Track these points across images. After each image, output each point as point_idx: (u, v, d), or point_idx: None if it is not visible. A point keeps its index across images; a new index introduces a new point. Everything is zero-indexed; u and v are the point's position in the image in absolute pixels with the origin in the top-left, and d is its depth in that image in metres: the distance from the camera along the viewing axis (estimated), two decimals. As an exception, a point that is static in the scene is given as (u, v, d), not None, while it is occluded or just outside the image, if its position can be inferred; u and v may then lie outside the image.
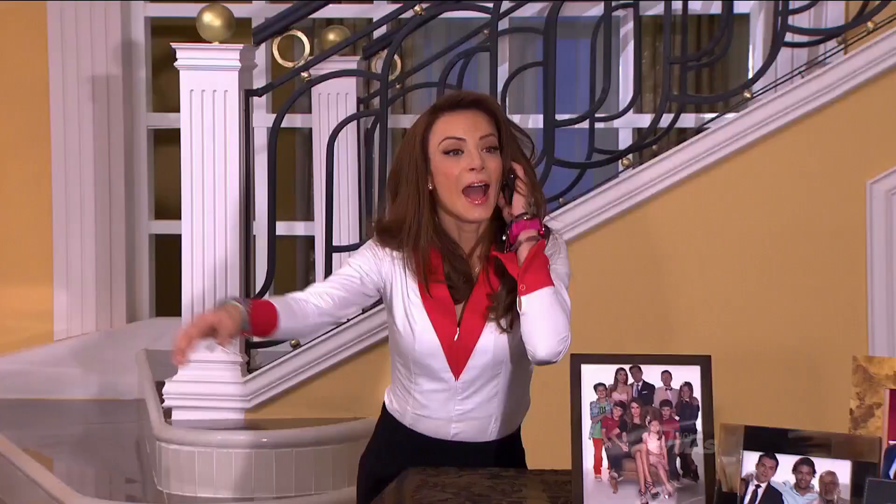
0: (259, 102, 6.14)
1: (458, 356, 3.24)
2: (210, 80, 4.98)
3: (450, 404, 3.26)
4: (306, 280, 7.62)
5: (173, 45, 5.01)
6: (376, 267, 3.26)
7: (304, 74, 5.25)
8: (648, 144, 5.28)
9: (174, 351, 3.03)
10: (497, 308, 3.22)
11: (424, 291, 3.23)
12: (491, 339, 3.22)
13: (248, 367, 5.10)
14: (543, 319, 3.13)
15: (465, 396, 3.27)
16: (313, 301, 3.24)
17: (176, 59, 5.01)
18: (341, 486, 4.90)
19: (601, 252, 5.03)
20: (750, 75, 5.38)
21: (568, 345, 3.15)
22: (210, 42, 4.98)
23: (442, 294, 3.23)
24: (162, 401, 5.12)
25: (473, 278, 3.25)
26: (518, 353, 3.21)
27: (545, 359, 3.15)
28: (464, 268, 3.23)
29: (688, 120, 5.81)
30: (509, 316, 3.20)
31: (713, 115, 5.42)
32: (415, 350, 3.22)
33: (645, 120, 6.17)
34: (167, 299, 6.65)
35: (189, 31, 5.12)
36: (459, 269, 3.23)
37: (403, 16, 5.54)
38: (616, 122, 5.99)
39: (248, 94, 5.06)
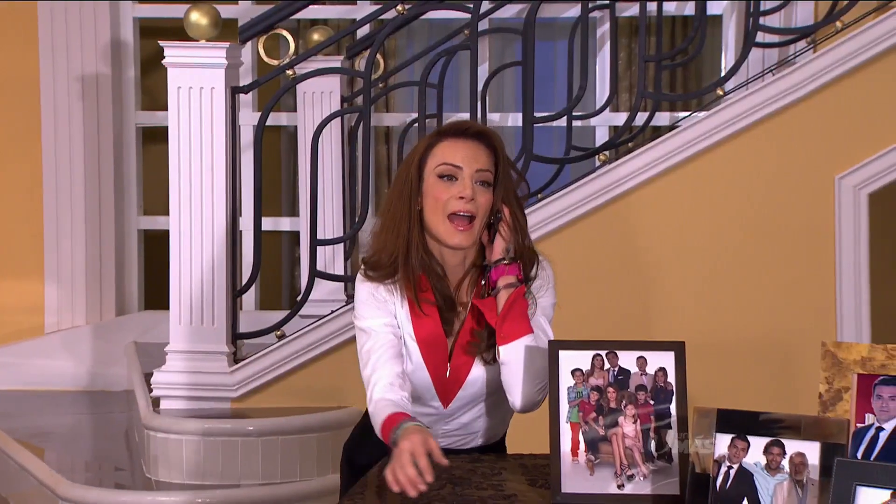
0: (245, 101, 6.20)
1: (447, 390, 3.28)
2: (197, 78, 5.01)
3: (436, 425, 3.30)
4: (291, 274, 7.68)
5: (161, 42, 5.04)
6: (388, 311, 3.23)
7: (289, 72, 5.30)
8: (624, 142, 5.32)
9: (406, 483, 2.80)
10: (480, 346, 3.23)
11: (417, 325, 3.23)
12: (480, 373, 3.25)
13: (235, 358, 5.14)
14: (522, 370, 3.14)
15: (452, 419, 3.33)
16: (403, 392, 3.15)
17: (164, 58, 5.03)
18: (325, 472, 4.94)
19: (579, 245, 5.08)
20: (723, 75, 5.45)
21: (546, 393, 3.11)
22: (197, 40, 5.02)
23: (434, 329, 3.23)
24: (150, 391, 5.16)
25: (460, 309, 3.25)
26: None
27: (524, 409, 3.18)
28: (447, 292, 3.23)
29: (662, 118, 5.88)
30: (493, 350, 3.21)
31: (687, 113, 5.48)
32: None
33: (621, 118, 6.21)
34: (155, 293, 6.69)
35: (177, 32, 5.16)
36: (444, 293, 3.23)
37: (386, 17, 5.62)
38: (593, 121, 6.05)
39: (234, 92, 5.10)
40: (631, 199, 5.09)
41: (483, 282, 3.22)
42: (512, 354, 3.15)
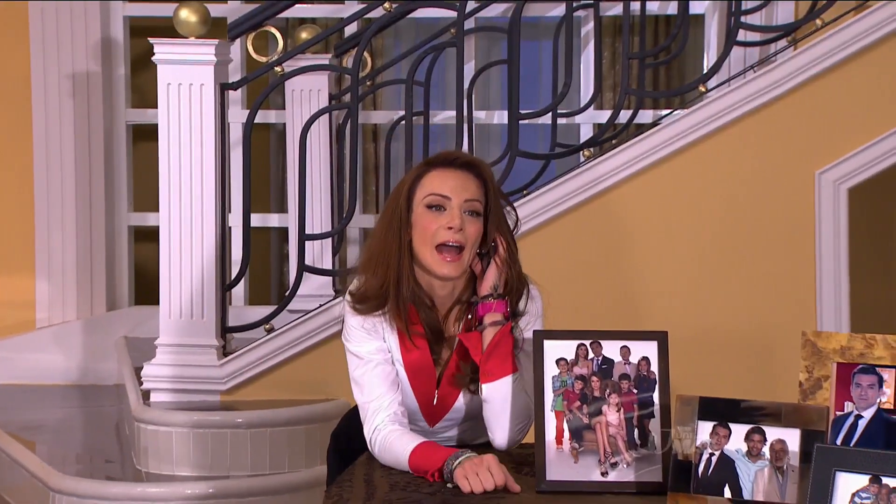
0: (235, 99, 6.24)
1: (434, 413, 3.33)
2: (186, 74, 5.03)
3: (424, 435, 3.27)
4: (280, 271, 7.71)
5: (151, 39, 5.06)
6: (378, 337, 3.25)
7: (278, 69, 5.33)
8: (609, 139, 5.34)
9: (485, 482, 2.92)
10: (465, 378, 3.26)
11: (406, 354, 3.25)
12: (466, 400, 3.30)
13: (224, 351, 5.16)
14: (503, 410, 3.17)
15: (439, 433, 3.37)
16: (405, 420, 3.22)
17: (154, 55, 5.05)
18: (314, 464, 4.96)
19: (564, 239, 5.12)
20: (705, 72, 5.48)
21: (528, 430, 3.17)
22: (186, 37, 5.04)
23: (423, 359, 3.26)
24: (140, 384, 5.18)
25: (447, 338, 3.26)
26: None
27: (503, 447, 3.21)
28: (436, 324, 3.25)
29: (646, 116, 5.91)
30: (478, 383, 3.23)
31: (670, 111, 5.51)
32: None
33: (605, 116, 6.22)
34: (145, 289, 6.71)
35: (167, 31, 5.16)
36: (433, 325, 3.25)
37: (374, 15, 5.65)
38: (578, 118, 6.07)
39: (223, 88, 5.12)
40: (615, 194, 5.11)
41: (470, 315, 3.23)
42: (494, 393, 3.17)
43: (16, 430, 5.61)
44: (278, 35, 5.39)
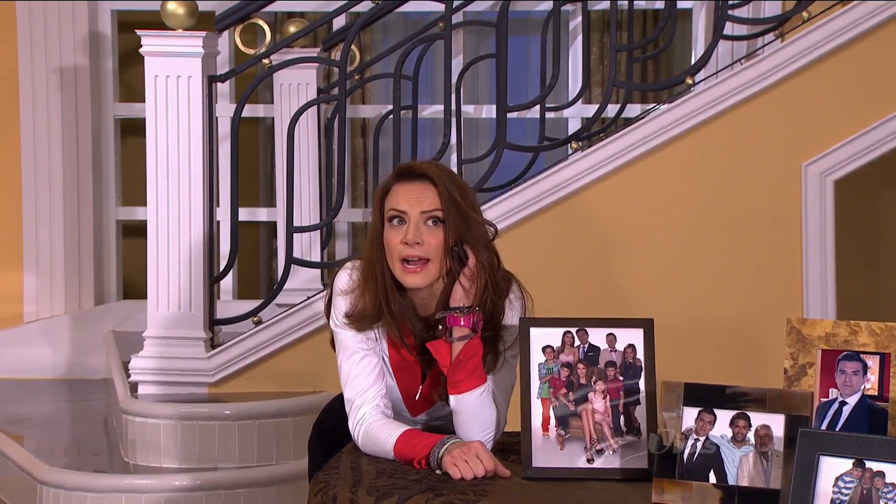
0: (223, 94, 6.24)
1: (416, 406, 3.36)
2: (174, 66, 5.03)
3: (407, 423, 3.28)
4: (269, 265, 7.73)
5: (138, 31, 5.05)
6: (365, 336, 3.26)
7: (266, 61, 5.32)
8: (597, 133, 5.35)
9: (475, 469, 2.95)
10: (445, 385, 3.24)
11: (393, 353, 3.27)
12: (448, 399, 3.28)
13: (212, 344, 5.17)
14: (471, 420, 3.15)
15: (421, 423, 3.38)
16: (389, 410, 3.25)
17: (141, 47, 5.04)
18: (301, 456, 4.69)
19: (551, 232, 5.13)
20: (692, 64, 5.50)
21: (499, 434, 3.19)
22: (174, 30, 5.04)
23: (409, 360, 3.27)
24: (128, 376, 5.18)
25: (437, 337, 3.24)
26: None
27: None
28: (424, 334, 3.25)
29: (634, 110, 5.93)
30: None
31: (657, 105, 5.53)
32: None
33: (593, 110, 6.09)
34: (133, 283, 6.72)
35: (155, 26, 5.13)
36: (421, 334, 3.25)
37: (362, 9, 5.65)
38: (566, 112, 6.06)
39: (211, 81, 5.12)
40: (601, 186, 5.12)
41: (441, 326, 3.20)
42: (462, 405, 3.16)
43: (3, 424, 5.60)
44: (266, 28, 5.40)
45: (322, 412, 3.73)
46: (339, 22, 6.29)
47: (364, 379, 3.24)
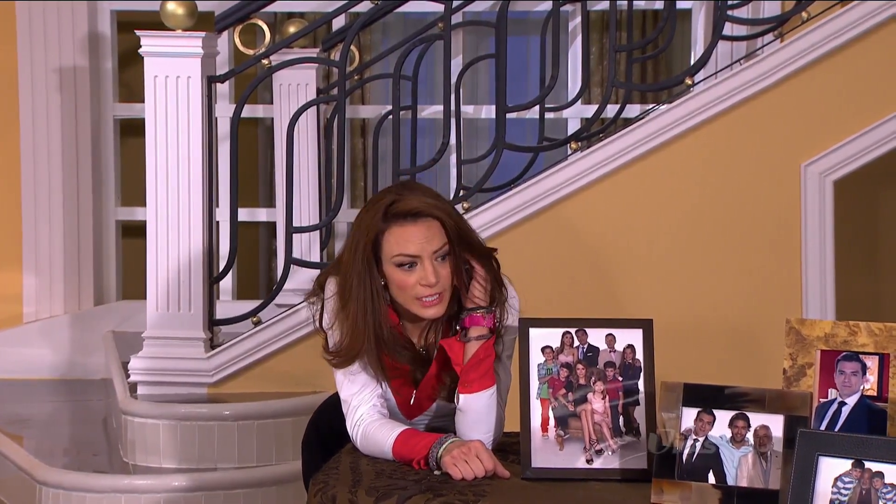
0: (222, 94, 6.23)
1: (412, 411, 3.34)
2: (173, 67, 5.03)
3: (404, 424, 3.27)
4: (268, 266, 7.72)
5: (138, 32, 5.05)
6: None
7: (265, 62, 5.32)
8: (596, 133, 5.35)
9: (475, 469, 2.96)
10: (444, 388, 3.27)
11: (386, 357, 3.23)
12: (443, 403, 3.30)
13: (211, 344, 5.17)
14: (477, 421, 3.14)
15: (418, 425, 3.36)
16: (386, 410, 3.25)
17: (141, 47, 5.04)
18: (300, 456, 4.97)
19: (551, 232, 5.12)
20: (692, 65, 5.50)
21: (500, 435, 3.19)
22: (173, 30, 5.04)
23: (403, 370, 3.26)
24: (127, 376, 5.18)
25: (427, 354, 3.26)
26: None
27: None
28: (416, 354, 3.25)
29: (633, 111, 5.93)
30: (454, 394, 3.21)
31: (657, 105, 5.53)
32: None
33: (593, 111, 6.08)
34: (133, 283, 6.69)
35: (154, 26, 5.13)
36: (414, 358, 3.25)
37: (362, 9, 5.64)
38: (565, 113, 6.06)
39: (210, 81, 5.12)
40: (601, 187, 5.11)
41: (458, 325, 3.18)
42: (471, 405, 3.15)
43: (3, 424, 5.60)
44: (266, 28, 5.40)
45: (316, 412, 3.73)
46: (338, 22, 6.30)
47: (360, 379, 3.24)
